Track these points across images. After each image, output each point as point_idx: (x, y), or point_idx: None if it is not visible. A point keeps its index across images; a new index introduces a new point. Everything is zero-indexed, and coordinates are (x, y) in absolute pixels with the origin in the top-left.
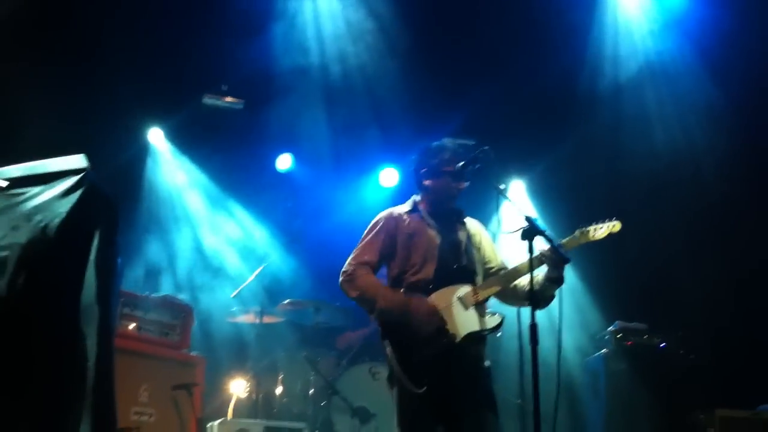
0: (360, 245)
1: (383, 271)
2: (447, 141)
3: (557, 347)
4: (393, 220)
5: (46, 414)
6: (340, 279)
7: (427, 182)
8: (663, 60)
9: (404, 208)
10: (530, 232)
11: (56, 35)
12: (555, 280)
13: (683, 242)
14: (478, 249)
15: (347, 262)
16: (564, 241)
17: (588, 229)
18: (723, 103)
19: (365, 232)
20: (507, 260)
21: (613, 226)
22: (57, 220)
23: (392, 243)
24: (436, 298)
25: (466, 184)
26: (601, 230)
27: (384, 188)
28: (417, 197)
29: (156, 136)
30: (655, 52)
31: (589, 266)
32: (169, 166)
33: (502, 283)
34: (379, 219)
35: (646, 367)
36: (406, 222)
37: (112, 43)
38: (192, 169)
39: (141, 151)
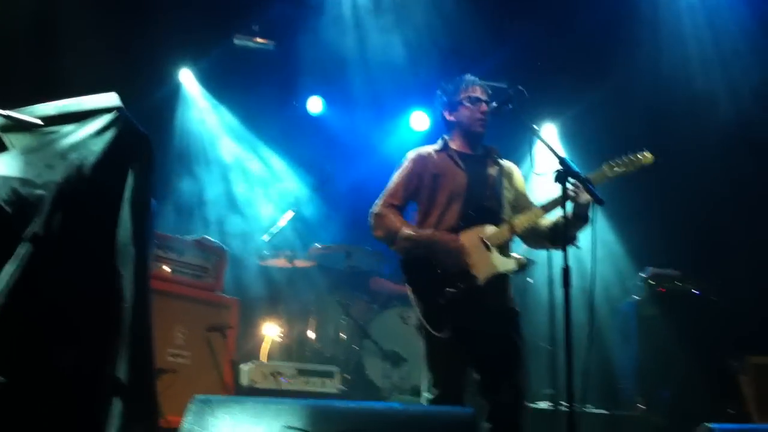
0: (388, 186)
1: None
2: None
3: (590, 292)
4: (421, 159)
5: (84, 352)
6: (369, 220)
7: (450, 117)
8: None
9: (434, 147)
10: (564, 174)
11: None
12: (581, 218)
13: (722, 186)
14: (510, 189)
15: (375, 203)
16: (591, 175)
17: (616, 162)
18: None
19: (395, 172)
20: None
21: (644, 157)
22: (92, 158)
23: (419, 183)
24: (461, 239)
25: (488, 107)
26: (630, 163)
27: (415, 132)
28: (447, 136)
29: (186, 77)
30: None
31: (622, 212)
32: (199, 107)
33: (541, 211)
34: (407, 159)
35: (679, 314)
36: (435, 160)
37: None
38: (222, 111)
39: (172, 92)
